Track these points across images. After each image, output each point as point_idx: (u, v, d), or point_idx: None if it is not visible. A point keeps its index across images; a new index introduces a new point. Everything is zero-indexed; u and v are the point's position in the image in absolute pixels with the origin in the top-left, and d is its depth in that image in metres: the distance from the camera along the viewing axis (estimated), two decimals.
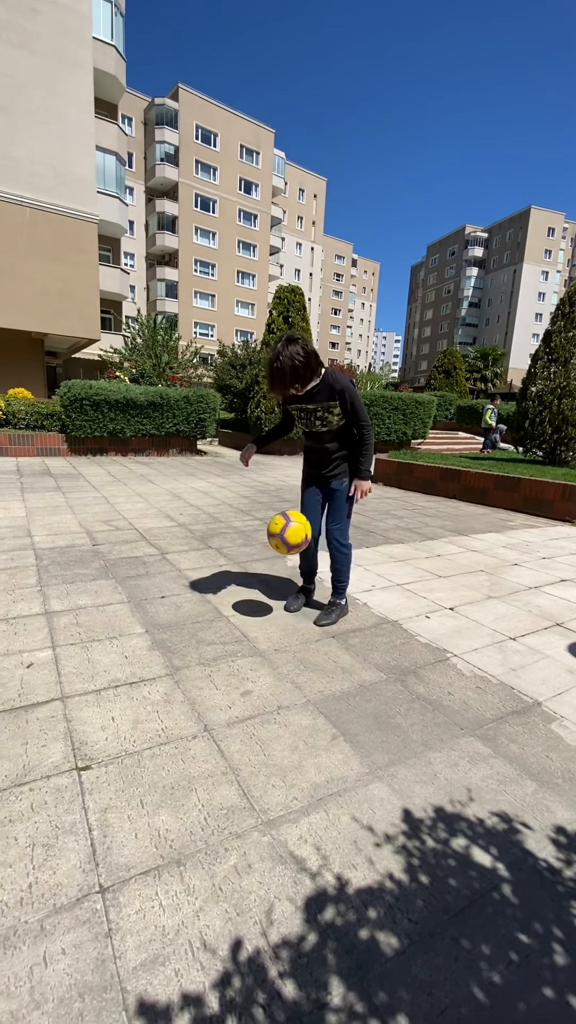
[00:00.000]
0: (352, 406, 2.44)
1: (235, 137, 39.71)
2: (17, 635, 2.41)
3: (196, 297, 39.92)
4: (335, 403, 2.43)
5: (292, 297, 11.35)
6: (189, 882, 1.21)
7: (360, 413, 2.46)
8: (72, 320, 14.21)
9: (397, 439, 12.90)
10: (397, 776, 1.61)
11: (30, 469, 7.76)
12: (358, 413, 2.46)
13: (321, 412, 2.47)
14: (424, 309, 75.06)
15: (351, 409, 2.44)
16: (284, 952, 1.06)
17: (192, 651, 2.36)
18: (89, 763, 1.59)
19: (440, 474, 7.38)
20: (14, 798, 1.43)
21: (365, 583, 3.42)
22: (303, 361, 2.28)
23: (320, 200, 53.55)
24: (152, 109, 37.00)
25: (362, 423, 2.49)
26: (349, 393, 2.41)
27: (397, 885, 1.23)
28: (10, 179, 12.77)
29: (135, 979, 1.00)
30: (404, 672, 2.28)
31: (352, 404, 2.43)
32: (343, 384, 2.41)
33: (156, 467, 8.95)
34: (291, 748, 1.72)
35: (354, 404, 2.43)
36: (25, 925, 1.09)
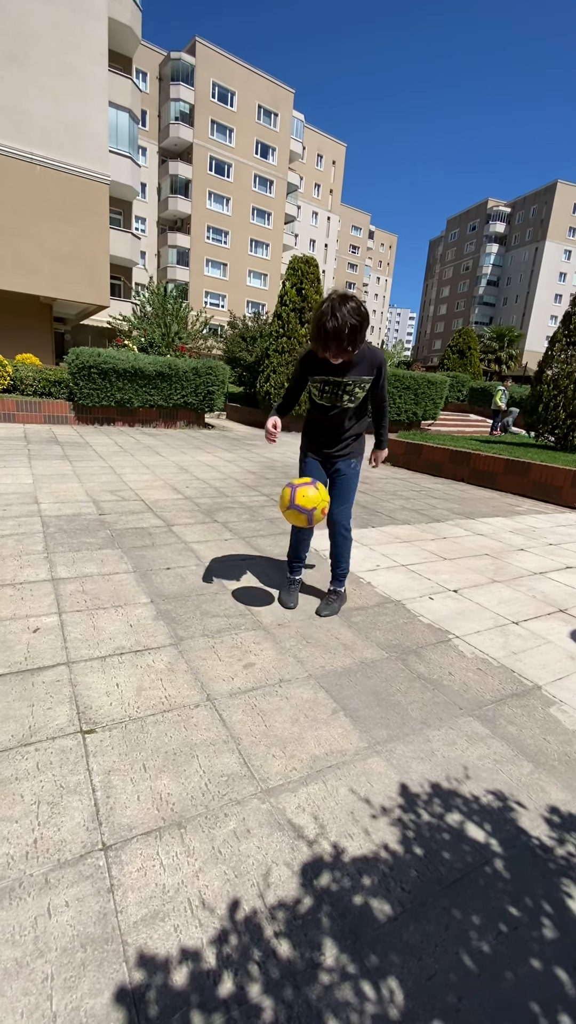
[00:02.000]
0: (384, 380, 2.37)
1: (253, 96, 38.19)
2: (24, 600, 2.43)
3: (208, 265, 39.06)
4: (370, 378, 2.30)
5: (306, 268, 11.08)
6: (189, 844, 1.24)
7: (385, 385, 2.42)
8: (81, 285, 13.97)
9: (407, 419, 12.76)
10: (395, 752, 1.63)
11: (37, 436, 7.74)
12: (384, 388, 2.41)
13: (351, 386, 2.29)
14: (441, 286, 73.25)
15: (383, 383, 2.38)
16: (280, 914, 1.10)
17: (196, 622, 2.38)
18: (93, 727, 1.62)
19: (449, 456, 7.31)
20: (20, 757, 1.47)
21: (369, 563, 3.42)
22: (358, 322, 2.04)
23: (339, 167, 51.76)
24: (168, 64, 35.53)
25: (385, 398, 2.46)
26: (385, 367, 2.34)
27: (392, 855, 1.26)
28: (20, 134, 12.39)
29: (136, 932, 1.04)
30: (406, 651, 2.30)
31: (384, 378, 2.37)
32: (381, 358, 2.31)
33: (163, 439, 8.92)
34: (292, 720, 1.74)
35: (383, 378, 2.37)
36: (30, 878, 1.13)
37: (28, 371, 9.51)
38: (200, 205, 37.67)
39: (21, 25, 11.96)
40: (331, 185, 51.72)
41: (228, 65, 36.67)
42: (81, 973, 0.96)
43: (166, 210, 37.61)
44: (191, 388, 10.46)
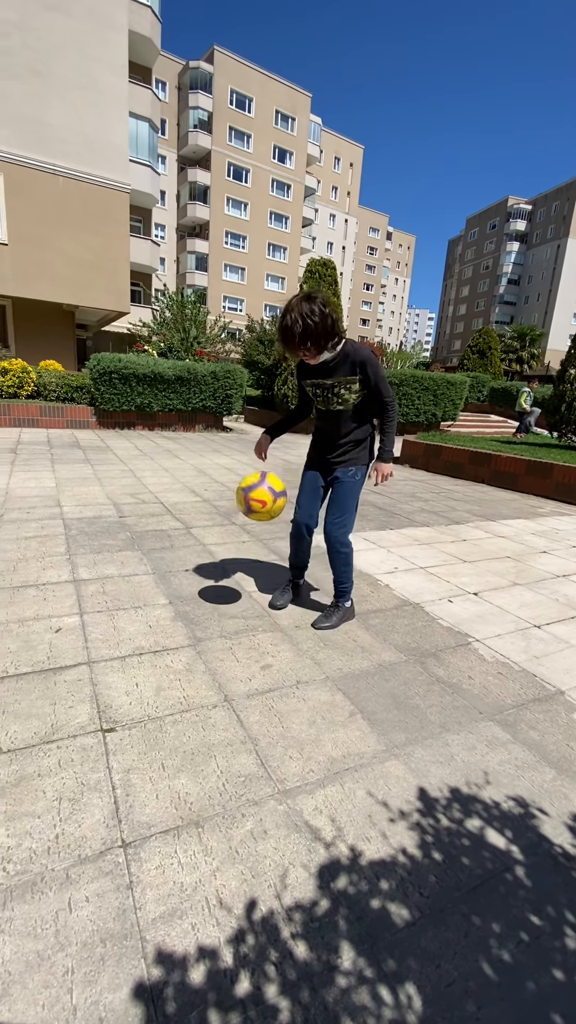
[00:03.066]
0: (376, 380, 2.18)
1: (270, 102, 38.45)
2: (47, 601, 2.48)
3: (226, 270, 39.39)
4: (355, 378, 2.17)
5: (324, 271, 11.08)
6: (207, 843, 1.25)
7: (384, 389, 2.20)
8: (102, 292, 14.22)
9: (426, 420, 12.64)
10: (414, 755, 1.62)
11: (60, 441, 7.90)
12: (381, 389, 2.20)
13: (338, 388, 2.21)
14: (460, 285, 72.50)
15: (374, 384, 2.19)
16: (297, 915, 1.10)
17: (214, 624, 2.40)
18: (113, 725, 1.64)
19: (469, 457, 7.22)
20: (42, 754, 1.50)
21: (388, 565, 3.40)
22: (316, 321, 1.99)
23: (356, 169, 51.72)
24: (186, 73, 36.03)
25: (386, 400, 2.23)
26: (372, 366, 2.16)
27: (410, 860, 1.25)
28: (43, 147, 12.69)
29: (154, 929, 1.05)
30: (424, 654, 2.28)
31: (376, 378, 2.18)
32: (365, 355, 2.15)
33: (182, 442, 9.01)
34: (309, 722, 1.74)
35: (378, 378, 2.18)
36: (52, 872, 1.15)
37: (51, 377, 9.71)
38: (218, 211, 38.04)
39: (44, 40, 12.27)
40: (348, 187, 51.70)
41: (245, 72, 37.01)
42: (101, 968, 0.98)
43: (185, 216, 38.07)
44: (209, 392, 10.55)
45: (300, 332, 2.00)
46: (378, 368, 2.18)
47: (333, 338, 2.09)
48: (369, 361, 2.15)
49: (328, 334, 2.05)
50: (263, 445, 2.55)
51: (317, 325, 2.00)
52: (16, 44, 12.03)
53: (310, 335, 2.01)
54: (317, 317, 1.99)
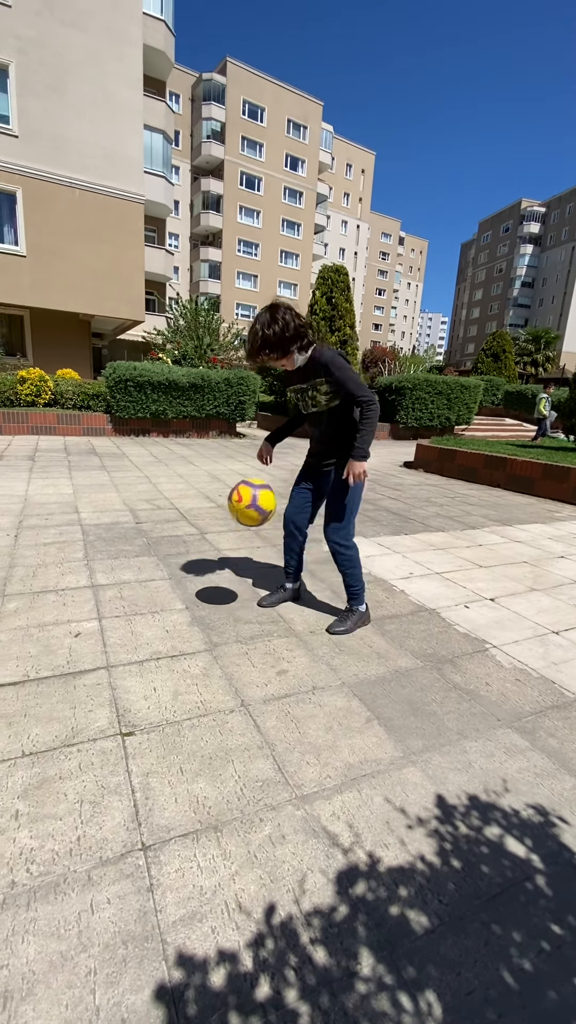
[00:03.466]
0: (340, 379, 2.17)
1: (282, 111, 38.85)
2: (66, 606, 2.52)
3: (239, 278, 39.74)
4: (321, 380, 2.21)
5: (336, 277, 11.13)
6: (225, 847, 1.26)
7: (352, 386, 2.17)
8: (117, 301, 14.46)
9: (440, 424, 12.58)
10: (431, 762, 1.61)
11: (77, 448, 8.02)
12: (348, 386, 2.17)
13: (311, 391, 2.26)
14: (473, 289, 72.15)
15: (340, 382, 2.18)
16: (316, 920, 1.10)
17: (230, 629, 2.42)
18: (132, 729, 1.66)
19: (484, 461, 7.17)
20: (64, 757, 1.52)
21: (403, 570, 3.39)
22: (276, 329, 2.07)
23: (368, 175, 51.91)
24: (200, 85, 36.60)
25: (360, 398, 2.18)
26: (333, 364, 2.16)
27: (428, 867, 1.24)
28: (60, 161, 12.98)
29: (174, 932, 1.06)
30: (441, 661, 2.27)
31: (339, 377, 2.17)
32: (326, 357, 2.17)
33: (196, 448, 9.08)
34: (325, 728, 1.74)
35: (344, 378, 2.17)
36: (74, 874, 1.17)
37: (68, 385, 9.88)
38: (231, 219, 38.45)
39: (61, 57, 12.59)
40: (360, 194, 51.90)
41: (258, 82, 37.46)
42: (123, 969, 0.99)
43: (198, 225, 38.53)
44: (223, 398, 10.63)
45: (261, 338, 2.10)
46: (342, 368, 2.18)
47: (296, 343, 2.15)
48: (331, 362, 2.17)
49: (287, 340, 2.12)
50: (265, 451, 2.62)
51: (275, 333, 2.08)
52: (35, 61, 12.36)
53: (267, 343, 2.10)
54: (278, 325, 2.08)
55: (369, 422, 2.22)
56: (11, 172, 12.59)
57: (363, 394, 2.19)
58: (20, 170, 12.64)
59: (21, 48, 12.17)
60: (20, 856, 1.20)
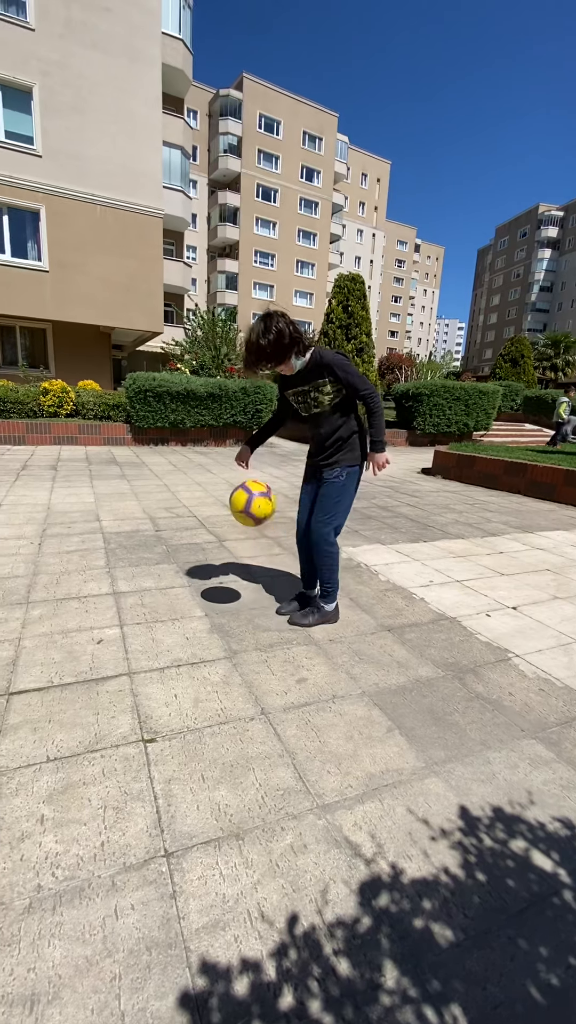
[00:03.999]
0: (345, 377, 2.25)
1: (298, 124, 39.35)
2: (88, 613, 2.56)
3: (255, 288, 40.15)
4: (324, 380, 2.27)
5: (352, 286, 11.18)
6: (247, 856, 1.26)
7: (357, 382, 2.26)
8: (137, 314, 14.72)
9: (458, 431, 12.48)
10: (454, 773, 1.59)
11: (98, 457, 8.16)
12: (355, 383, 2.26)
13: (313, 392, 2.32)
14: (491, 294, 71.64)
15: (345, 380, 2.25)
16: (339, 931, 1.09)
17: (249, 636, 2.42)
18: (154, 736, 1.68)
19: (504, 468, 7.09)
20: (87, 763, 1.54)
21: (423, 578, 3.36)
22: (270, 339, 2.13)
23: (383, 184, 52.16)
24: (217, 101, 37.35)
25: (363, 391, 2.28)
26: (337, 364, 2.24)
27: (452, 880, 1.23)
28: (81, 178, 13.33)
29: (198, 940, 1.06)
30: (462, 670, 2.24)
31: (345, 374, 2.25)
32: (328, 357, 2.25)
33: (214, 457, 9.16)
34: (346, 737, 1.74)
35: (348, 374, 2.25)
36: (98, 879, 1.18)
37: (89, 396, 10.07)
38: (248, 231, 38.94)
39: (83, 77, 12.96)
40: (376, 202, 52.14)
41: (274, 96, 38.03)
42: (147, 975, 1.00)
43: (215, 238, 39.12)
44: (240, 407, 10.72)
45: (256, 346, 2.16)
46: (346, 366, 2.26)
47: (293, 348, 2.20)
48: (335, 363, 2.25)
49: (285, 347, 2.17)
50: (244, 455, 2.68)
51: (270, 342, 2.13)
52: (57, 83, 12.75)
53: (264, 353, 2.17)
54: (272, 334, 2.13)
55: (377, 413, 2.31)
56: (35, 190, 12.97)
57: (366, 387, 2.29)
58: (43, 188, 13.01)
59: (44, 70, 12.58)
60: (46, 860, 1.22)
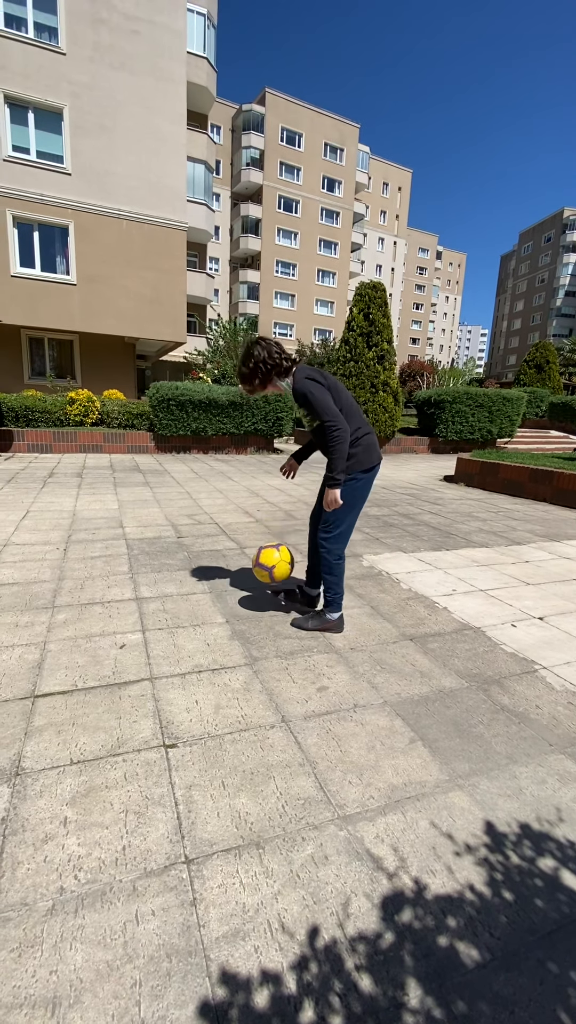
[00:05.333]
0: (308, 403, 2.24)
1: (319, 136, 39.77)
2: (112, 618, 2.60)
3: (276, 298, 40.51)
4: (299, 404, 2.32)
5: (373, 294, 11.18)
6: (268, 865, 1.25)
7: (319, 410, 2.22)
8: (161, 325, 14.99)
9: (481, 438, 12.32)
10: (479, 787, 1.55)
11: (121, 465, 8.30)
12: (316, 410, 2.23)
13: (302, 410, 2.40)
14: (514, 300, 70.81)
15: (309, 406, 2.25)
16: (360, 946, 1.07)
17: (269, 643, 2.42)
18: (175, 741, 1.68)
19: (529, 475, 6.95)
20: (109, 767, 1.56)
21: (445, 587, 3.31)
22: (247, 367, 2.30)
23: (405, 193, 52.25)
24: (240, 116, 38.04)
25: (326, 422, 2.21)
26: (300, 390, 2.25)
27: (478, 898, 1.19)
28: (109, 194, 13.71)
29: (218, 949, 1.06)
30: (487, 681, 2.19)
31: (307, 401, 2.23)
32: (296, 383, 2.28)
33: (235, 464, 9.22)
34: (367, 747, 1.71)
35: (309, 401, 2.23)
36: (119, 883, 1.19)
37: (114, 405, 10.27)
38: (269, 242, 39.39)
39: (110, 97, 13.37)
40: (397, 211, 52.22)
41: (295, 110, 38.55)
42: (167, 983, 0.99)
43: (238, 249, 39.67)
44: (261, 415, 10.79)
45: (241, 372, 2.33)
46: (308, 389, 2.24)
47: (272, 373, 2.30)
48: (298, 387, 2.28)
49: (264, 373, 2.30)
50: (291, 466, 2.77)
51: (249, 369, 2.30)
52: (87, 103, 13.18)
53: (245, 379, 2.34)
54: (250, 363, 2.29)
55: (333, 447, 2.24)
56: (64, 207, 13.39)
57: (328, 419, 2.23)
58: (72, 205, 13.42)
59: (74, 92, 13.02)
60: (68, 863, 1.23)
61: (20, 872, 1.20)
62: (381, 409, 11.15)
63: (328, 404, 2.23)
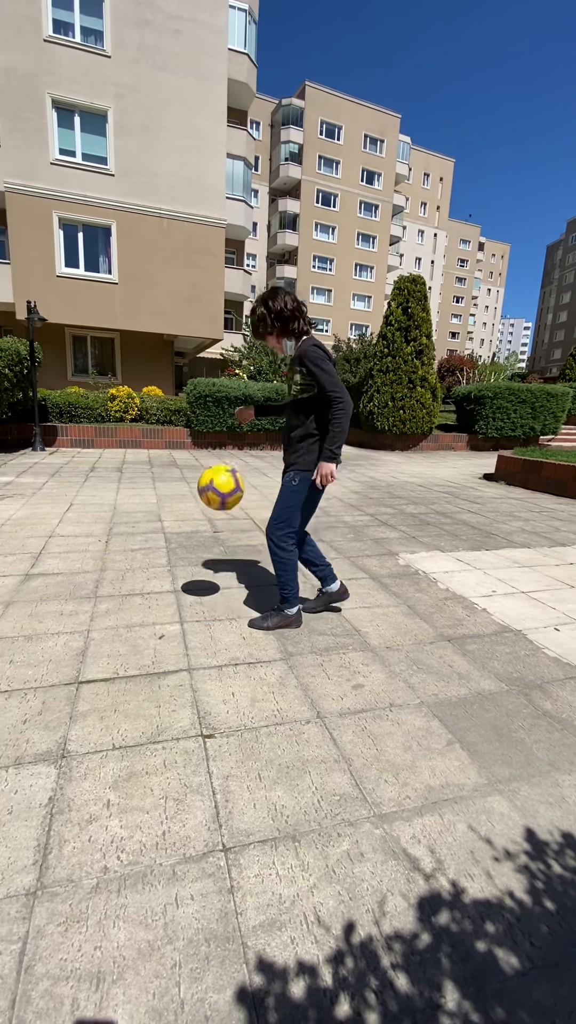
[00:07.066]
0: (314, 372, 2.17)
1: (359, 128, 39.22)
2: (151, 609, 2.66)
3: (313, 293, 40.31)
4: (297, 369, 2.25)
5: (412, 287, 10.98)
6: (303, 858, 1.26)
7: (325, 381, 2.16)
8: (199, 322, 15.17)
9: (523, 435, 11.94)
10: (519, 793, 1.52)
11: (159, 460, 8.47)
12: (322, 381, 2.16)
13: (292, 376, 2.31)
14: (561, 292, 68.07)
15: (312, 374, 2.18)
16: (396, 945, 1.07)
17: (304, 639, 2.43)
18: (213, 732, 1.72)
19: (575, 474, 6.70)
20: (150, 753, 1.60)
21: (485, 588, 3.24)
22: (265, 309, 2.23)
23: (446, 183, 50.97)
24: (279, 111, 37.92)
25: (329, 392, 2.17)
26: (309, 357, 2.19)
27: (518, 905, 1.17)
28: (151, 194, 13.95)
29: (255, 937, 1.07)
30: (528, 686, 2.13)
31: (313, 367, 2.17)
32: (303, 348, 2.23)
33: (269, 460, 9.26)
34: (404, 747, 1.70)
35: (317, 368, 2.17)
36: (160, 867, 1.22)
37: (152, 402, 10.49)
38: (307, 237, 39.21)
39: (153, 97, 13.57)
40: (438, 202, 51.02)
41: (335, 102, 38.13)
42: (205, 966, 1.02)
43: (275, 245, 39.68)
44: None
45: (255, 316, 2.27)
46: (318, 360, 2.19)
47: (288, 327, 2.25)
48: (306, 353, 2.21)
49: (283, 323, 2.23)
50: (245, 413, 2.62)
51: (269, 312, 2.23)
52: (130, 105, 13.43)
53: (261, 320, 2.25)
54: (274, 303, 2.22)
55: (338, 421, 2.21)
56: (107, 207, 13.71)
57: (333, 390, 2.19)
58: (115, 205, 13.73)
59: (119, 94, 13.29)
60: (111, 844, 1.28)
61: (66, 850, 1.25)
62: (418, 405, 10.96)
63: (336, 376, 2.22)
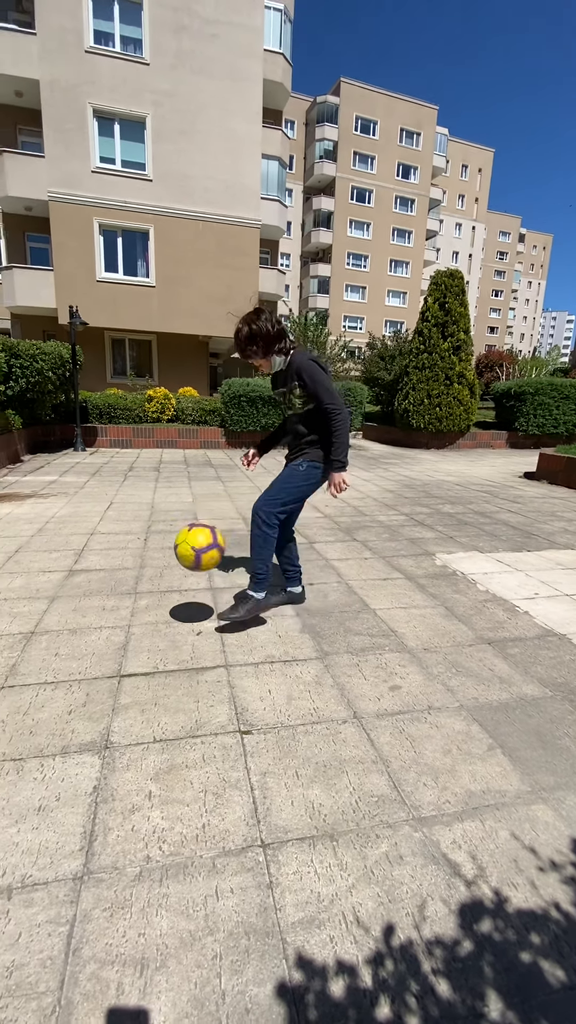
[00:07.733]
0: (311, 385, 2.23)
1: (395, 122, 38.65)
2: (189, 605, 2.71)
3: (347, 291, 40.03)
4: (295, 384, 2.27)
5: (450, 282, 10.75)
6: (342, 858, 1.26)
7: (322, 394, 2.22)
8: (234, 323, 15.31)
9: (567, 432, 11.53)
10: (565, 802, 1.47)
11: (195, 460, 8.60)
12: (319, 394, 2.22)
13: (289, 395, 2.33)
14: None
15: (311, 389, 2.23)
16: (437, 951, 1.05)
17: (340, 639, 2.42)
18: (250, 728, 1.73)
19: None
20: (189, 747, 1.63)
21: (526, 590, 3.14)
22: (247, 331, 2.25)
23: (485, 174, 49.64)
24: (314, 109, 37.81)
25: (326, 406, 2.23)
26: (306, 371, 2.22)
27: (565, 917, 1.13)
28: (186, 197, 14.17)
29: (294, 933, 1.08)
30: (574, 691, 2.06)
31: (310, 382, 2.22)
32: (298, 362, 2.24)
33: None
34: (443, 751, 1.67)
35: (314, 383, 2.22)
36: (200, 859, 1.24)
37: (188, 402, 10.66)
38: (341, 234, 38.96)
39: (189, 102, 13.78)
40: (476, 194, 49.77)
41: (370, 97, 37.72)
42: (245, 959, 1.03)
43: (309, 243, 39.60)
44: None
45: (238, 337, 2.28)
46: (314, 373, 2.22)
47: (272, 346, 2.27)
48: (302, 366, 2.24)
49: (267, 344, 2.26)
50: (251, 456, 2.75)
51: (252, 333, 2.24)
52: (168, 110, 13.68)
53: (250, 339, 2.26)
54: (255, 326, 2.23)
55: (337, 432, 2.27)
56: (145, 212, 14.01)
57: (330, 402, 2.23)
58: (153, 210, 14.02)
59: (156, 100, 13.56)
60: (153, 834, 1.31)
61: (111, 838, 1.29)
62: (456, 402, 10.74)
63: (332, 387, 2.26)
